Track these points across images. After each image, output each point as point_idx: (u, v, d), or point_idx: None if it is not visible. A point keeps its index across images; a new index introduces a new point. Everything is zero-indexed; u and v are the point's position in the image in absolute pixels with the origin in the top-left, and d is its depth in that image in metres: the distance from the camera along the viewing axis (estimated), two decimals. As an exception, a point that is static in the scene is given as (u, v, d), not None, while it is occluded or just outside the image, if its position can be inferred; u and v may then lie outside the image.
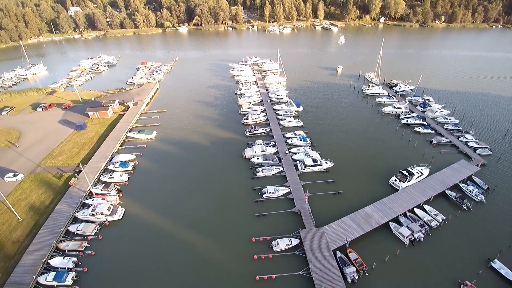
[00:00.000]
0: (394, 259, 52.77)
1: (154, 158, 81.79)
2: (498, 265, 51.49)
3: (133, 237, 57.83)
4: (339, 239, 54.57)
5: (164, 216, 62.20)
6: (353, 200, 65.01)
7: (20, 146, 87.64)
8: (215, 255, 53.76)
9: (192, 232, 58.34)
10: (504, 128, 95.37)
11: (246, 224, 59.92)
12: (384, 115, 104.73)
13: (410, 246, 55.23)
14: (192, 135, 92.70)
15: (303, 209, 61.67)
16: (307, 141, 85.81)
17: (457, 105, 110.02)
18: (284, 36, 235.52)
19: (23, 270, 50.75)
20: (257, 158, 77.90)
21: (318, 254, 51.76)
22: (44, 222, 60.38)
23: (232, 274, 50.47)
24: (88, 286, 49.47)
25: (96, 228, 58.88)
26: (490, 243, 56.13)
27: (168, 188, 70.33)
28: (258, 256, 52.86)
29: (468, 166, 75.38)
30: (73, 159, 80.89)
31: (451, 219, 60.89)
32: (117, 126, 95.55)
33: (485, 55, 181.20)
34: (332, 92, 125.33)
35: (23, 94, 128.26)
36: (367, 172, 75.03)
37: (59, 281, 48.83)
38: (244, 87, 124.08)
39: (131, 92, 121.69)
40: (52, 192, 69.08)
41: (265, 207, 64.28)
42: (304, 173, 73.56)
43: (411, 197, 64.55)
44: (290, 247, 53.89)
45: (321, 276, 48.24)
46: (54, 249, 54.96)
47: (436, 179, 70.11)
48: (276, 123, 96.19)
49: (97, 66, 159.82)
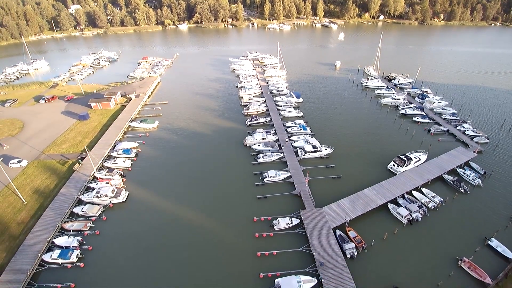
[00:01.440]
0: (393, 237, 53.99)
1: (157, 146, 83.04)
2: (495, 243, 52.70)
3: (137, 218, 58.97)
4: (339, 218, 55.80)
5: (167, 199, 63.39)
6: (352, 183, 66.20)
7: (23, 136, 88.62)
8: (217, 234, 54.94)
9: (195, 214, 59.52)
10: (501, 118, 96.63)
11: (248, 206, 61.12)
12: (383, 106, 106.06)
13: (408, 225, 56.40)
14: (193, 124, 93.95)
15: (303, 191, 62.87)
16: (307, 130, 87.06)
17: (455, 97, 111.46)
18: (284, 33, 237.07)
19: (28, 249, 51.70)
20: (258, 145, 79.10)
21: (318, 232, 52.97)
22: (49, 204, 61.44)
23: (234, 251, 51.64)
24: (93, 263, 50.47)
25: (100, 210, 59.97)
26: (487, 223, 57.33)
27: (171, 174, 71.50)
28: (259, 234, 54.05)
29: (466, 152, 76.70)
30: (77, 146, 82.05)
31: (448, 201, 62.10)
32: (120, 117, 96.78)
33: (483, 51, 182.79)
34: (331, 85, 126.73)
35: (25, 87, 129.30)
36: (366, 158, 76.35)
37: (64, 258, 49.87)
38: (245, 80, 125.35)
39: (132, 85, 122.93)
40: (56, 177, 70.18)
41: (266, 190, 65.57)
42: (304, 159, 74.82)
43: (409, 181, 65.82)
44: (291, 226, 55.10)
45: (321, 251, 49.42)
46: (59, 229, 55.96)
47: (433, 164, 71.40)
48: (277, 113, 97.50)
49: (99, 61, 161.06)
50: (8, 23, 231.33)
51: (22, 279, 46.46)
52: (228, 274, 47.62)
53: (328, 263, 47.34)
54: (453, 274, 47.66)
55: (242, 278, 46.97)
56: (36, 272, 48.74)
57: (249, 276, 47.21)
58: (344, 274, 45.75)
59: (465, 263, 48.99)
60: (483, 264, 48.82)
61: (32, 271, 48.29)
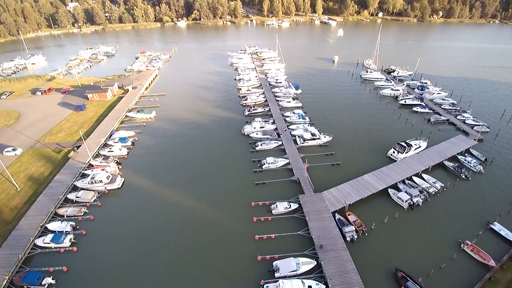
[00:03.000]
0: (393, 221, 52.96)
1: (154, 135, 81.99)
2: (498, 227, 51.68)
3: (133, 204, 57.82)
4: (338, 202, 54.77)
5: (164, 186, 62.29)
6: (352, 170, 65.17)
7: (18, 126, 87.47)
8: (214, 219, 53.85)
9: (191, 200, 58.39)
10: (501, 109, 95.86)
11: (245, 192, 60.03)
12: (382, 97, 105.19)
13: (409, 210, 55.39)
14: (191, 115, 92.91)
15: (302, 177, 61.82)
16: (305, 119, 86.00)
17: (454, 89, 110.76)
18: (282, 29, 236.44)
19: (20, 233, 50.49)
20: (256, 134, 78.04)
21: (317, 216, 51.89)
22: (42, 190, 60.24)
23: (231, 235, 50.55)
24: (86, 248, 49.30)
25: (95, 196, 58.84)
26: (489, 208, 56.33)
27: (168, 161, 70.39)
28: (257, 219, 52.98)
29: (466, 140, 75.83)
30: (73, 136, 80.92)
31: (449, 187, 61.12)
32: (116, 107, 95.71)
33: (482, 46, 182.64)
34: (330, 77, 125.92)
35: (22, 81, 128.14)
36: (365, 146, 75.42)
37: (57, 242, 48.67)
38: (243, 72, 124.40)
39: (130, 78, 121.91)
40: (51, 165, 69.04)
41: (264, 176, 64.52)
42: (303, 147, 73.78)
43: (410, 167, 64.86)
44: (289, 211, 53.99)
45: (320, 234, 48.35)
46: (52, 215, 54.78)
47: (434, 151, 70.48)
48: (275, 104, 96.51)
49: (96, 55, 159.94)
50: (6, 20, 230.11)
51: (14, 263, 45.34)
52: (225, 258, 46.50)
53: (327, 245, 46.26)
54: (456, 257, 46.63)
55: (239, 262, 45.88)
56: (28, 256, 47.58)
57: (246, 260, 46.13)
58: (344, 256, 44.67)
59: (468, 246, 47.97)
60: (486, 247, 47.78)
61: (24, 255, 47.16)
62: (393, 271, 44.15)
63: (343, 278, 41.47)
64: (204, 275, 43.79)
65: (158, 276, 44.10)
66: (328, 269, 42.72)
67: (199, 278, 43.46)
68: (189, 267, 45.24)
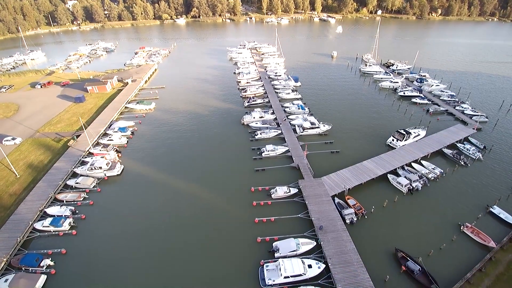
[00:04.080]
0: (393, 205, 53.04)
1: (154, 125, 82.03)
2: (497, 210, 51.74)
3: (133, 190, 57.77)
4: (338, 187, 54.85)
5: (164, 173, 62.27)
6: (351, 157, 65.23)
7: (18, 117, 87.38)
8: (213, 204, 53.81)
9: (191, 186, 58.35)
10: (499, 101, 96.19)
11: (245, 178, 60.01)
12: (382, 89, 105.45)
13: (408, 194, 55.47)
14: (191, 106, 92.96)
15: (302, 163, 61.89)
16: (305, 110, 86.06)
17: (453, 82, 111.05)
18: (282, 26, 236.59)
19: (19, 217, 50.27)
20: (256, 123, 78.09)
21: (316, 199, 51.92)
22: (42, 177, 60.12)
23: (231, 218, 50.57)
24: (85, 231, 49.16)
25: (95, 182, 58.74)
26: (488, 193, 56.41)
27: (168, 150, 70.39)
28: (257, 203, 52.97)
29: (465, 129, 76.10)
30: (72, 126, 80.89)
31: (448, 173, 61.31)
32: (116, 99, 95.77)
33: (480, 42, 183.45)
34: (330, 71, 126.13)
35: (21, 75, 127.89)
36: (364, 135, 75.59)
37: (56, 225, 48.54)
38: (243, 66, 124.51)
39: (129, 71, 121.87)
40: (50, 153, 68.98)
41: (264, 163, 64.60)
42: (302, 136, 73.85)
43: (409, 153, 64.98)
44: (289, 195, 53.96)
45: (320, 217, 48.35)
46: (52, 200, 54.65)
47: (433, 139, 70.67)
48: (274, 96, 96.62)
49: (95, 51, 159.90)
50: (5, 17, 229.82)
51: (12, 246, 45.18)
52: (225, 240, 46.48)
53: (327, 227, 46.29)
54: (456, 239, 46.70)
55: (239, 243, 45.86)
56: (27, 240, 47.47)
57: (246, 241, 46.11)
58: (344, 237, 44.71)
59: (467, 228, 48.03)
60: (486, 229, 47.83)
61: (23, 238, 47.03)
62: (393, 252, 44.18)
63: (343, 258, 41.49)
64: (204, 257, 43.75)
65: (157, 257, 44.05)
66: (327, 249, 42.74)
67: (199, 259, 43.44)
68: (189, 248, 45.19)
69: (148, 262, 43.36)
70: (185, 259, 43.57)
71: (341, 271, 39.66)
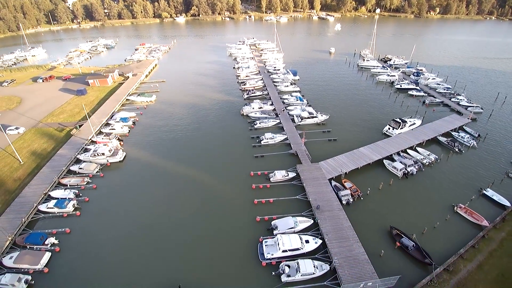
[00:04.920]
0: (388, 188, 54.50)
1: (155, 116, 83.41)
2: (490, 192, 52.99)
3: (135, 175, 59.08)
4: (334, 171, 56.27)
5: (166, 159, 63.64)
6: (348, 145, 66.55)
7: (21, 109, 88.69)
8: (214, 187, 55.12)
9: (192, 171, 59.71)
10: (495, 94, 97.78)
11: (245, 164, 61.33)
12: (379, 83, 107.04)
13: (404, 178, 56.91)
14: (191, 98, 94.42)
15: (300, 150, 63.29)
16: (303, 101, 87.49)
17: (449, 76, 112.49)
18: (281, 24, 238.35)
19: (24, 200, 51.42)
20: (255, 113, 79.50)
21: (314, 182, 53.31)
22: (45, 163, 61.39)
23: (231, 200, 51.88)
24: (89, 213, 50.38)
25: (98, 167, 60.04)
26: (482, 178, 57.69)
27: (169, 138, 71.78)
28: (256, 186, 54.34)
29: (460, 118, 77.68)
30: (74, 117, 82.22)
31: (443, 159, 62.77)
32: (117, 92, 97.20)
33: (478, 39, 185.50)
34: (328, 66, 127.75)
35: (23, 70, 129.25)
36: (361, 124, 77.11)
37: (60, 207, 49.72)
38: (242, 61, 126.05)
39: (130, 66, 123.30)
40: (54, 142, 70.30)
41: (263, 150, 66.03)
42: (300, 125, 75.25)
43: (404, 141, 66.47)
44: (287, 179, 55.34)
45: (317, 197, 49.74)
46: (56, 184, 55.93)
47: (428, 128, 72.23)
48: (273, 88, 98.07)
49: (96, 48, 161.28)
50: (6, 16, 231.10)
51: (17, 226, 46.29)
52: (225, 220, 47.78)
53: (324, 207, 47.70)
54: (449, 218, 48.07)
55: (239, 223, 47.20)
56: (31, 221, 48.63)
57: (246, 221, 47.46)
58: (340, 215, 46.11)
59: (461, 209, 49.37)
60: (479, 210, 49.09)
61: (28, 219, 48.19)
62: (388, 229, 45.57)
63: (339, 234, 42.89)
64: (205, 236, 45.02)
65: (160, 234, 45.35)
66: (324, 226, 44.15)
67: (200, 238, 44.72)
68: (189, 228, 46.52)
69: (151, 239, 44.66)
70: (187, 237, 44.92)
71: (337, 245, 41.06)
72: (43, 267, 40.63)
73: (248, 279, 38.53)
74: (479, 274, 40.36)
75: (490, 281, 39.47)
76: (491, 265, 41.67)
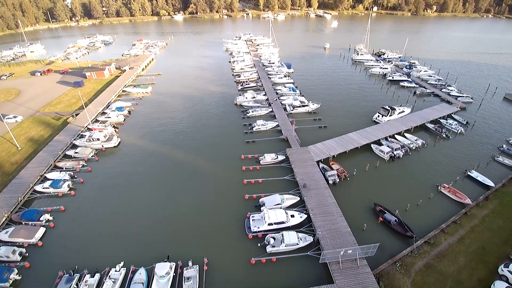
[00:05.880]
0: (374, 170, 56.07)
1: (150, 106, 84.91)
2: (475, 174, 54.42)
3: (129, 159, 60.57)
4: (323, 153, 57.85)
5: (160, 144, 65.31)
6: (337, 131, 68.02)
7: (19, 100, 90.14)
8: (206, 170, 56.62)
9: (185, 154, 61.39)
10: (486, 85, 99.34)
11: (236, 148, 62.81)
12: (372, 75, 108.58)
13: (390, 161, 58.44)
14: (186, 89, 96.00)
15: (290, 135, 64.78)
16: (296, 91, 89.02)
17: (442, 69, 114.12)
18: (278, 22, 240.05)
19: (20, 181, 52.95)
20: (248, 103, 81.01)
21: (302, 163, 54.84)
22: (42, 149, 62.87)
23: (221, 181, 53.42)
24: (84, 193, 51.88)
25: (93, 152, 61.56)
26: (467, 162, 59.18)
27: (164, 126, 73.24)
28: (246, 167, 55.88)
29: (449, 107, 79.27)
30: (71, 107, 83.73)
31: (430, 143, 64.27)
32: (114, 83, 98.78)
33: (473, 36, 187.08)
34: (322, 60, 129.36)
35: (21, 65, 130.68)
36: (352, 113, 78.73)
37: (56, 187, 51.21)
38: (238, 55, 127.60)
39: (127, 60, 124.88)
40: (50, 129, 71.79)
41: (255, 136, 67.56)
42: (292, 114, 76.73)
43: (393, 127, 68.06)
44: (276, 161, 56.86)
45: (305, 177, 51.27)
46: (52, 167, 57.43)
47: (417, 115, 73.85)
48: (267, 80, 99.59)
49: (94, 43, 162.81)
50: (4, 13, 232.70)
51: (13, 204, 47.79)
52: (215, 198, 49.24)
53: (310, 185, 49.26)
54: (433, 197, 49.58)
55: (228, 201, 48.67)
56: (27, 200, 50.08)
57: (235, 199, 48.97)
58: (326, 193, 47.65)
59: (445, 188, 50.83)
60: (463, 190, 50.38)
61: (24, 199, 49.65)
62: (372, 207, 47.05)
63: (323, 209, 44.44)
64: (196, 213, 46.53)
65: (153, 212, 46.87)
66: (309, 202, 45.71)
67: (189, 214, 46.26)
68: (179, 206, 48.01)
69: (143, 216, 46.21)
70: (177, 214, 46.48)
71: (321, 219, 42.59)
72: (37, 241, 42.04)
73: (234, 251, 40.05)
74: (459, 246, 41.77)
75: (470, 253, 40.82)
76: (472, 239, 43.05)
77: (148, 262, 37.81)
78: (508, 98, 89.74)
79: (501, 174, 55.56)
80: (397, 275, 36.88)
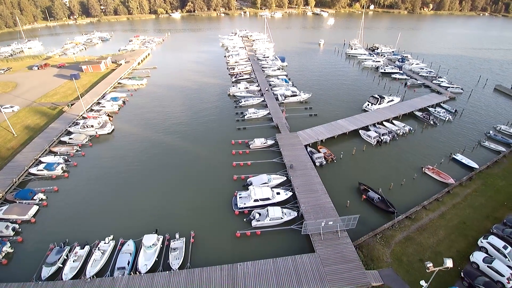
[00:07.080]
0: (361, 153, 57.54)
1: (145, 97, 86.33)
2: (460, 157, 55.68)
3: (122, 145, 61.97)
4: (311, 138, 59.25)
5: (153, 131, 66.86)
6: (328, 119, 69.34)
7: (16, 92, 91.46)
8: (197, 153, 58.11)
9: (177, 140, 63.02)
10: (477, 77, 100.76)
11: (227, 135, 64.20)
12: (365, 68, 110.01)
13: (377, 146, 59.79)
14: (181, 82, 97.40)
15: (280, 122, 66.16)
16: (288, 83, 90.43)
17: (434, 62, 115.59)
18: (275, 20, 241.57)
19: (16, 164, 54.34)
20: (241, 93, 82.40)
21: (290, 147, 56.22)
22: (38, 135, 64.20)
23: (212, 163, 54.74)
24: (77, 175, 53.21)
25: (87, 138, 62.91)
26: (454, 146, 60.52)
27: (157, 115, 74.59)
28: (236, 151, 57.22)
29: (438, 96, 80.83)
30: (67, 98, 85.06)
31: (417, 130, 65.65)
32: (110, 76, 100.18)
33: (469, 32, 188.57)
34: (317, 55, 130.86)
35: (19, 60, 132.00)
36: (343, 102, 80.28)
37: (50, 169, 52.52)
38: (233, 49, 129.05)
39: (123, 55, 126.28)
40: (46, 118, 73.12)
41: (246, 123, 68.96)
42: (284, 103, 78.08)
43: (381, 114, 69.43)
44: (266, 146, 58.21)
45: (292, 159, 52.65)
46: (47, 152, 58.75)
47: (406, 104, 75.29)
48: (261, 72, 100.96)
49: (91, 40, 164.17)
50: (3, 12, 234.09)
51: (7, 185, 49.05)
52: (205, 180, 50.57)
53: (297, 166, 50.62)
54: (416, 177, 50.88)
55: (217, 181, 50.01)
56: (22, 182, 51.36)
57: (223, 180, 50.31)
58: (312, 173, 49.02)
59: (429, 170, 52.13)
60: (447, 171, 51.64)
61: (18, 180, 50.94)
62: (356, 186, 48.38)
63: (308, 187, 45.79)
64: (182, 192, 47.92)
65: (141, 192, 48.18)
66: (295, 181, 47.06)
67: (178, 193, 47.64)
68: (169, 186, 49.38)
69: (133, 194, 47.55)
70: (166, 192, 47.87)
71: (305, 196, 43.96)
72: (30, 218, 43.34)
73: (221, 225, 41.38)
74: (440, 221, 43.02)
75: (450, 227, 42.04)
76: (453, 214, 44.28)
77: (137, 235, 39.08)
78: (499, 89, 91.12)
79: (486, 157, 56.85)
80: (377, 246, 38.22)
